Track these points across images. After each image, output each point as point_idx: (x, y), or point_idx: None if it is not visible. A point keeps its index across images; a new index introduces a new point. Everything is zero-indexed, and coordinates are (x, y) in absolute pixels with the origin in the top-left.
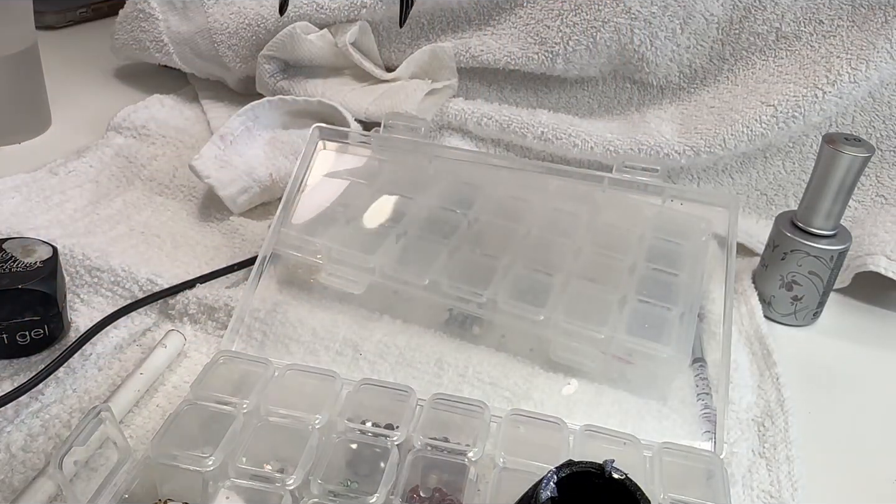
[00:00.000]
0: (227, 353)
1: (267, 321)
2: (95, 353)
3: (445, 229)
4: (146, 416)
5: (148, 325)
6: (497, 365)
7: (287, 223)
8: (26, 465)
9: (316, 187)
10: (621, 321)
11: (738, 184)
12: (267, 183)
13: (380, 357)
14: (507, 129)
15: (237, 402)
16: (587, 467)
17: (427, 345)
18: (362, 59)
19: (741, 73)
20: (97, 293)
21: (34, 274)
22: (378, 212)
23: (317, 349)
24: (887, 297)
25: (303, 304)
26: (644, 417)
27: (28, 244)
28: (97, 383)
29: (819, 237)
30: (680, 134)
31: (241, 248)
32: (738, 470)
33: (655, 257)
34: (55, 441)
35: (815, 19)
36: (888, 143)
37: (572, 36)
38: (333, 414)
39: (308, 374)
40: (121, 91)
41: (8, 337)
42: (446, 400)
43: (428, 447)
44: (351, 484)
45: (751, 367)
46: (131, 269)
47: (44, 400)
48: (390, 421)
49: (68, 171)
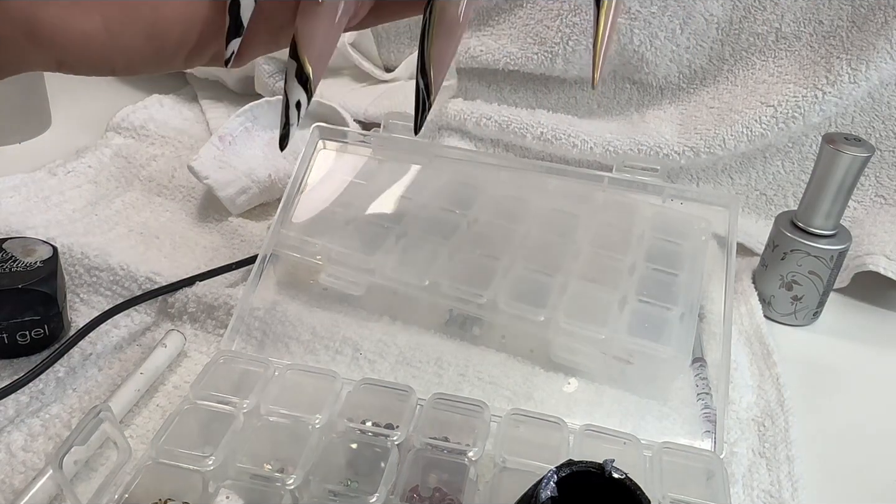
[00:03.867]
0: (226, 353)
1: (267, 321)
2: (95, 353)
3: (445, 229)
4: (146, 415)
5: (148, 325)
6: (497, 365)
7: (287, 223)
8: (26, 464)
9: (315, 187)
10: (621, 321)
11: (738, 184)
12: (266, 184)
13: (380, 357)
14: (507, 130)
15: (237, 402)
16: (587, 467)
17: (427, 345)
18: (361, 60)
19: (741, 74)
20: (96, 293)
21: (34, 274)
22: (378, 212)
23: (317, 349)
24: (887, 297)
25: (303, 303)
26: (644, 417)
27: (28, 244)
28: (97, 383)
29: (819, 237)
30: (679, 134)
31: (241, 249)
32: (738, 470)
33: (655, 257)
34: (55, 441)
35: (815, 19)
36: (888, 144)
37: (572, 36)
38: (333, 414)
39: (308, 374)
40: (120, 91)
41: (8, 337)
42: (446, 400)
43: (428, 447)
44: (351, 483)
45: (751, 366)
46: (130, 268)
47: (44, 400)
48: (390, 421)
49: (67, 171)
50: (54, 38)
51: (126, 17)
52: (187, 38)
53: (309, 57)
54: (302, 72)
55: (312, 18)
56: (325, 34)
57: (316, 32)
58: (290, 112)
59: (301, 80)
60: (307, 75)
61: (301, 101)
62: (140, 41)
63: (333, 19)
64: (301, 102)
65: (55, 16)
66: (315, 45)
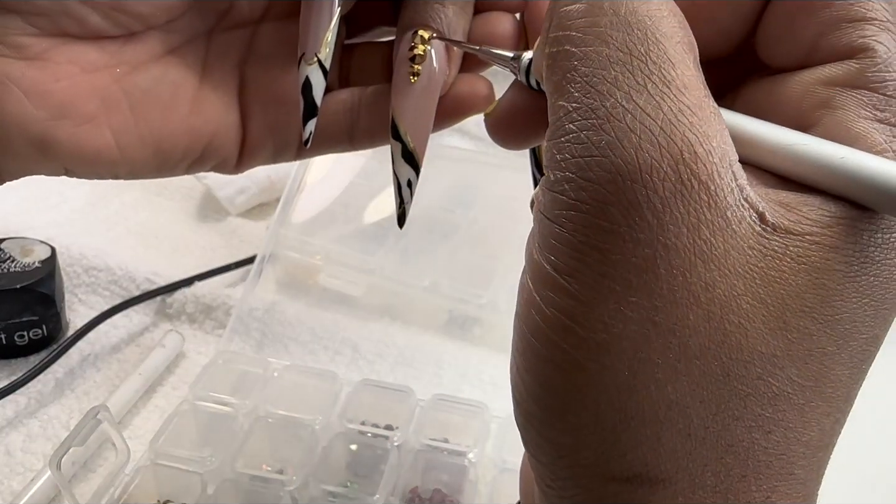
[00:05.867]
0: (226, 354)
1: (266, 321)
2: (94, 354)
3: (445, 229)
4: (145, 416)
5: (146, 325)
6: (497, 365)
7: (286, 223)
8: (25, 465)
9: (315, 187)
10: None
11: None
12: (265, 183)
13: (379, 357)
14: None
15: (236, 403)
16: None
17: (427, 345)
18: None
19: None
20: (95, 293)
21: (33, 274)
22: (378, 212)
23: (316, 349)
24: None
25: (302, 303)
26: None
27: (26, 244)
28: (95, 384)
29: None
30: None
31: (239, 249)
32: None
33: None
34: (54, 442)
35: None
36: None
37: None
38: (333, 414)
39: (307, 374)
40: None
41: (6, 337)
42: (446, 400)
43: (428, 448)
44: (350, 485)
45: None
46: (129, 268)
47: (42, 401)
48: (390, 421)
49: None
50: (66, 153)
51: (136, 131)
52: (192, 150)
53: (412, 136)
54: (407, 150)
55: (409, 97)
56: (423, 110)
57: (415, 110)
58: (402, 192)
59: (408, 159)
60: (412, 152)
61: (412, 179)
62: (148, 153)
63: (428, 94)
64: (412, 181)
65: (69, 134)
66: (416, 123)
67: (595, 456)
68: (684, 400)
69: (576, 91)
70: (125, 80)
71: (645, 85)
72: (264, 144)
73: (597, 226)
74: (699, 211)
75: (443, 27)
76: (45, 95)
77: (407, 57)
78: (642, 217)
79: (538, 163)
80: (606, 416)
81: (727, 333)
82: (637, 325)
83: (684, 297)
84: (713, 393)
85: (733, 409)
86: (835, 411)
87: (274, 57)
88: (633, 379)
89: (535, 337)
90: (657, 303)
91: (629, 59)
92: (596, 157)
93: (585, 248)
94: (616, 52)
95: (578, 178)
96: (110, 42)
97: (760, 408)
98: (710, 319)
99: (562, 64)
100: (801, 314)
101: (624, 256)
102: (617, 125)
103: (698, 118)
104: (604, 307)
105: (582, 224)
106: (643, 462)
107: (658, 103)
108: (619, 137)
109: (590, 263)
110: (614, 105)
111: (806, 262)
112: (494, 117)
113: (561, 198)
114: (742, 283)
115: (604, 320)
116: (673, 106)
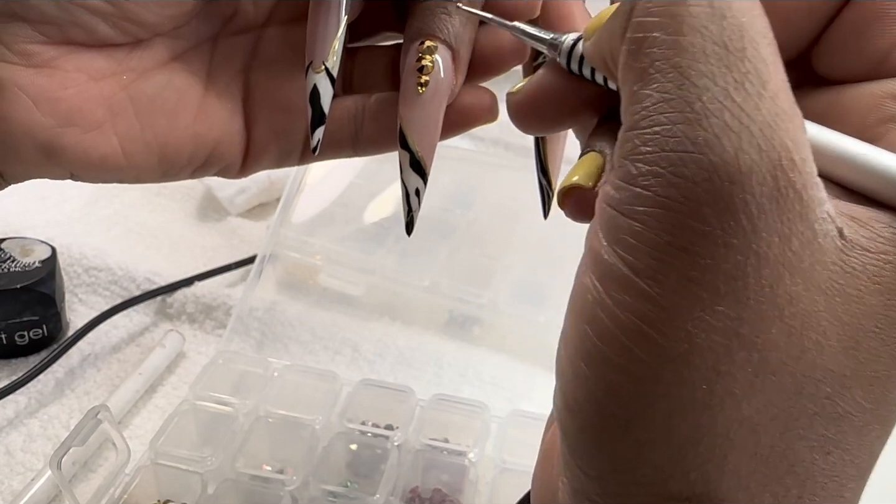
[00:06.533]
0: (226, 354)
1: (266, 321)
2: (94, 354)
3: (445, 229)
4: (145, 416)
5: (146, 325)
6: (497, 365)
7: (286, 223)
8: (25, 465)
9: (315, 187)
10: None
11: None
12: (265, 183)
13: (379, 357)
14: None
15: (236, 403)
16: None
17: (427, 345)
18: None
19: None
20: (95, 293)
21: (33, 274)
22: (378, 212)
23: (316, 349)
24: None
25: (302, 303)
26: None
27: (26, 244)
28: (96, 383)
29: None
30: None
31: (239, 249)
32: None
33: None
34: (54, 442)
35: None
36: None
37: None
38: (333, 414)
39: (307, 374)
40: None
41: (6, 337)
42: (446, 400)
43: (428, 448)
44: (350, 485)
45: None
46: (129, 268)
47: (42, 400)
48: (390, 421)
49: None
50: (73, 160)
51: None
52: (197, 156)
53: (420, 145)
54: (415, 159)
55: (417, 107)
56: (431, 120)
57: (423, 120)
58: (411, 200)
59: (416, 168)
60: (420, 161)
61: (419, 188)
62: (153, 159)
63: (436, 104)
64: (420, 190)
65: (76, 141)
66: (424, 132)
67: (656, 474)
68: (756, 417)
69: (667, 81)
70: (132, 87)
71: (742, 83)
72: (268, 150)
73: (687, 226)
74: (792, 221)
75: (450, 38)
76: (53, 103)
77: (415, 67)
78: (738, 221)
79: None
80: (677, 432)
81: (804, 350)
82: (721, 337)
83: (769, 310)
84: (784, 411)
85: (800, 429)
86: (884, 435)
87: (278, 62)
88: (709, 394)
89: (602, 341)
90: (743, 314)
91: (726, 53)
92: (691, 152)
93: (671, 250)
94: (712, 45)
95: (669, 174)
96: (117, 50)
97: (824, 428)
98: (790, 335)
99: (649, 51)
100: (871, 335)
101: (714, 261)
102: (716, 122)
103: (793, 125)
104: (688, 315)
105: (670, 223)
106: (706, 482)
107: (757, 104)
108: (719, 135)
109: (676, 266)
110: (712, 100)
111: (880, 283)
112: (520, 98)
113: (645, 193)
114: (823, 299)
115: (687, 329)
116: (771, 108)
